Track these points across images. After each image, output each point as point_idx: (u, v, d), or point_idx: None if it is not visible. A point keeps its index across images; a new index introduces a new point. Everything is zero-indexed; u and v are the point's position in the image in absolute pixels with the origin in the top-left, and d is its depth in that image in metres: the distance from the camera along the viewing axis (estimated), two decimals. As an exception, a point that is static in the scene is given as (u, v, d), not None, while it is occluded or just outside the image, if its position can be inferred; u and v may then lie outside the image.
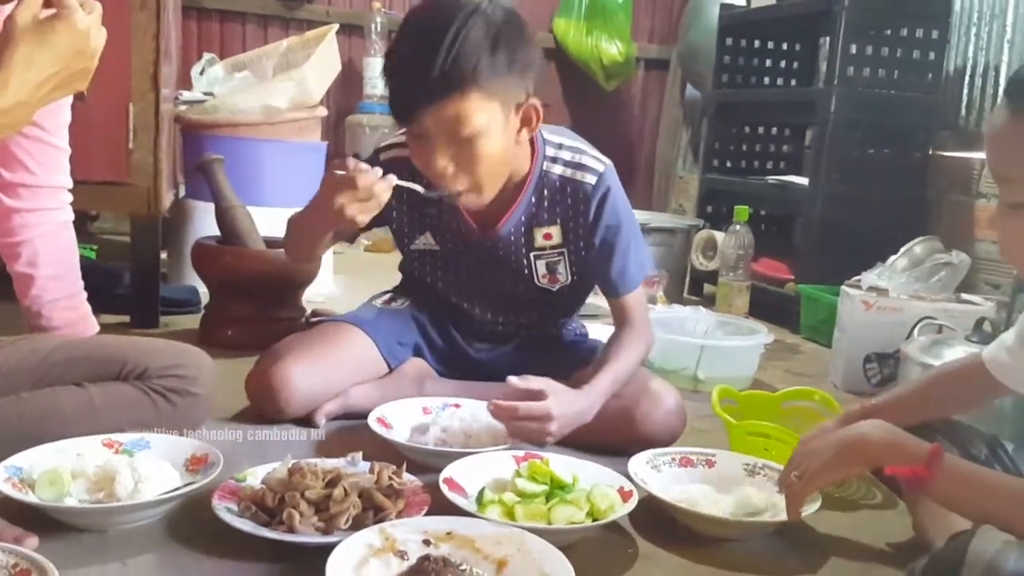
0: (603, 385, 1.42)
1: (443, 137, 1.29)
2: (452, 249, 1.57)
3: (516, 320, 1.64)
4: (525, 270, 1.54)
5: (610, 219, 1.48)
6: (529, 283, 1.56)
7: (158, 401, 1.30)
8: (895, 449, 0.98)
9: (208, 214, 2.15)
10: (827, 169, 2.60)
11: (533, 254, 1.52)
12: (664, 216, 3.29)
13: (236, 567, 1.02)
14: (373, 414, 1.43)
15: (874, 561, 1.17)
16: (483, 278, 1.59)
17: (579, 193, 1.47)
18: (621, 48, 4.19)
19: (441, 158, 1.30)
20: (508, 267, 1.55)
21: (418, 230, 1.56)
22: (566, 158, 1.48)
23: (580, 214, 1.48)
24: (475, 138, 1.29)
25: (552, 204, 1.49)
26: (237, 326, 2.00)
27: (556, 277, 1.55)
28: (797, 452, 1.13)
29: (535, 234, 1.51)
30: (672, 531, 1.19)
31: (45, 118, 1.33)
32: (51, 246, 1.40)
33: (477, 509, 1.13)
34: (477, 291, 1.61)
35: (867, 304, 2.04)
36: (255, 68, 2.81)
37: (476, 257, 1.56)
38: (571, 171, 1.47)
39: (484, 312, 1.63)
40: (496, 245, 1.52)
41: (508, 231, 1.50)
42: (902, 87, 2.67)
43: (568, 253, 1.52)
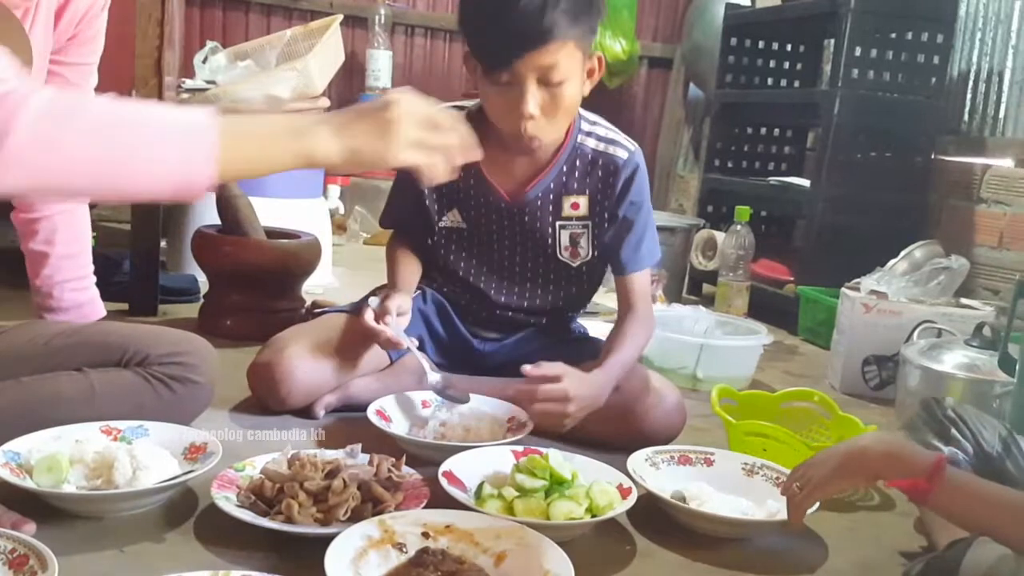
0: (614, 369, 1.45)
1: (534, 83, 1.34)
2: (478, 226, 1.59)
3: (532, 304, 1.64)
4: (549, 239, 1.57)
5: (635, 196, 1.54)
6: (551, 258, 1.59)
7: (158, 388, 1.29)
8: (897, 461, 0.98)
9: (209, 203, 2.14)
10: (829, 171, 2.60)
11: (559, 223, 1.56)
12: (664, 215, 3.28)
13: (234, 556, 1.02)
14: (373, 406, 1.42)
15: (872, 562, 1.17)
16: (506, 255, 1.60)
17: (610, 166, 1.52)
18: (625, 46, 4.19)
19: (532, 102, 1.35)
20: (533, 238, 1.57)
21: (446, 206, 1.59)
22: (600, 134, 1.54)
23: (609, 187, 1.53)
24: (563, 84, 1.35)
25: (583, 175, 1.54)
26: (236, 316, 1.99)
27: (577, 251, 1.57)
28: (801, 464, 1.13)
29: (563, 203, 1.54)
30: (670, 529, 1.19)
31: None
32: (68, 225, 1.41)
33: (476, 503, 1.13)
34: (498, 271, 1.62)
35: (867, 307, 2.04)
36: (258, 57, 2.80)
37: (501, 231, 1.58)
38: (604, 145, 1.53)
39: (500, 295, 1.64)
40: (523, 211, 1.55)
41: (536, 195, 1.54)
42: (905, 91, 2.67)
43: (592, 227, 1.56)
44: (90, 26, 1.33)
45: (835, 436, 1.50)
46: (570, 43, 1.33)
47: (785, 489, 1.12)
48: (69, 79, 1.33)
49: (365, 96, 4.02)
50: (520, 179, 1.54)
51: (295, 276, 2.08)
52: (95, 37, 1.35)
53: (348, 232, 3.63)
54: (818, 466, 1.07)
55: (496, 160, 1.49)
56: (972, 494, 0.92)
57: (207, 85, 2.67)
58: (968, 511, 0.92)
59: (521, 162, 1.53)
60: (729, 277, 2.61)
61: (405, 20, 4.09)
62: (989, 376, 1.65)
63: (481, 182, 1.55)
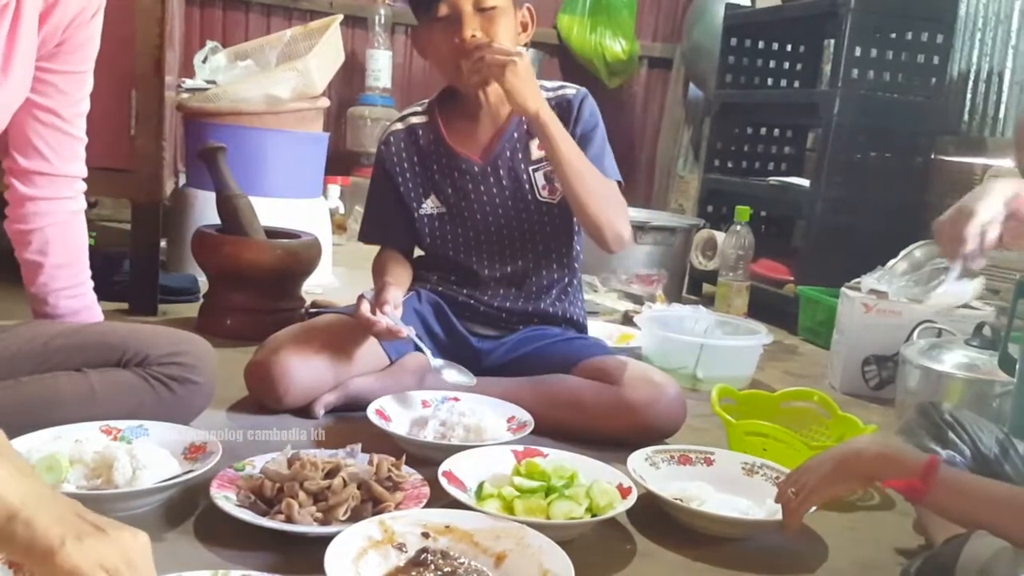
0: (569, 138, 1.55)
1: (470, 8, 1.49)
2: (457, 203, 1.65)
3: (525, 266, 1.66)
4: (526, 185, 1.64)
5: (589, 117, 1.64)
6: (532, 203, 1.64)
7: (158, 388, 1.29)
8: (891, 463, 0.99)
9: (209, 203, 2.15)
10: (829, 171, 2.60)
11: (532, 167, 1.64)
12: (664, 215, 3.29)
13: (234, 556, 1.02)
14: (372, 406, 1.42)
15: (871, 561, 1.17)
16: (490, 220, 1.65)
17: (563, 103, 1.64)
18: (625, 46, 4.19)
19: (469, 27, 1.49)
20: (511, 190, 1.64)
21: (423, 194, 1.67)
22: (548, 85, 1.67)
23: (566, 118, 1.61)
24: (496, 11, 1.50)
25: None
26: (236, 316, 1.99)
27: (555, 187, 1.63)
28: (796, 469, 1.13)
29: (530, 147, 1.64)
30: (670, 528, 1.19)
31: (64, 107, 1.33)
32: (62, 235, 1.39)
33: (476, 503, 1.13)
34: (486, 240, 1.66)
35: (867, 307, 2.04)
36: (258, 57, 2.80)
37: (479, 196, 1.64)
38: (554, 91, 1.66)
39: (493, 268, 1.66)
40: (497, 167, 1.63)
41: (504, 148, 1.63)
42: (905, 91, 2.67)
43: None
44: (79, 33, 1.29)
45: (835, 436, 1.49)
46: None
47: (780, 495, 1.12)
48: (60, 87, 1.31)
49: (365, 97, 4.02)
50: (485, 141, 1.65)
51: (295, 276, 2.08)
52: (85, 44, 1.32)
53: (348, 232, 3.63)
54: (813, 471, 1.07)
55: (461, 132, 1.65)
56: (967, 491, 0.92)
57: (207, 85, 2.67)
58: (964, 508, 0.92)
59: (484, 125, 1.64)
60: (729, 277, 2.61)
61: (405, 20, 4.09)
62: (989, 376, 1.65)
63: (451, 156, 1.65)
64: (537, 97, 1.50)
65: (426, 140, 1.66)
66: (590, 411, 1.49)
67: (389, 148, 1.68)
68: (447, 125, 1.66)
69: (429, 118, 1.68)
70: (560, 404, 1.50)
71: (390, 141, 1.68)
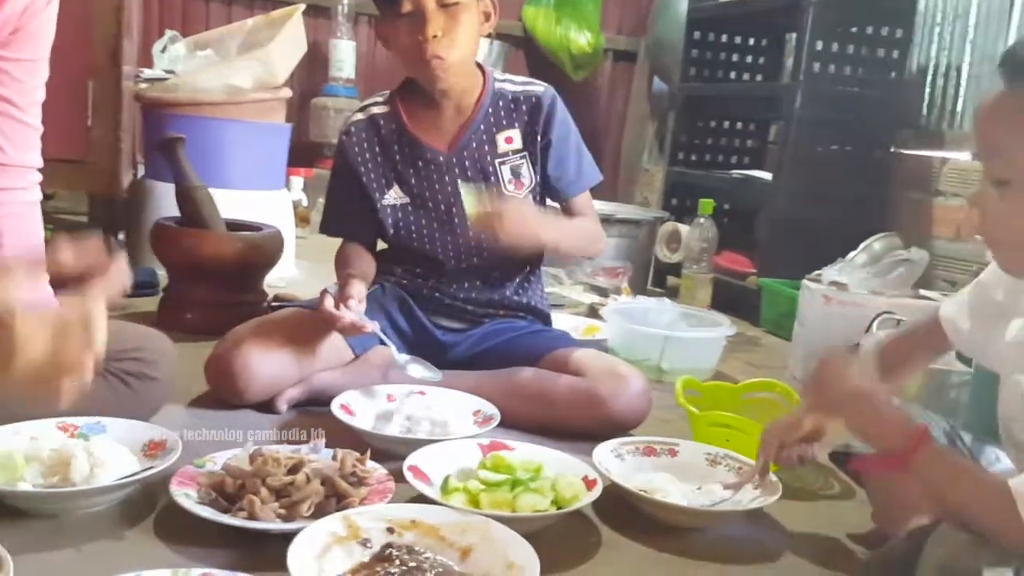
0: (560, 221, 1.64)
1: (433, 5, 1.48)
2: (421, 194, 1.64)
3: (491, 259, 1.65)
4: (492, 177, 1.63)
5: (562, 121, 1.65)
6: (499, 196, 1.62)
7: (115, 384, 1.27)
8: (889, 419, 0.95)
9: (168, 195, 2.11)
10: (790, 164, 2.63)
11: (498, 160, 1.64)
12: (629, 208, 3.30)
13: (195, 554, 1.00)
14: (337, 401, 1.41)
15: (832, 550, 1.19)
16: (454, 212, 1.63)
17: (532, 99, 1.64)
18: (590, 38, 4.19)
19: (433, 25, 1.48)
20: (476, 182, 1.62)
21: (386, 185, 1.65)
22: (515, 79, 1.68)
23: (536, 118, 1.64)
24: (459, 8, 1.50)
25: (508, 112, 1.64)
26: (197, 310, 1.97)
27: (521, 181, 1.64)
28: (818, 370, 1.06)
29: (497, 139, 1.64)
30: (636, 519, 1.20)
31: (18, 95, 1.29)
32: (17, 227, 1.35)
33: (442, 497, 1.13)
34: (451, 232, 1.64)
35: (827, 298, 2.06)
36: (218, 47, 2.76)
37: (444, 187, 1.63)
38: (521, 87, 1.67)
39: (459, 260, 1.65)
40: (463, 158, 1.62)
41: (470, 139, 1.62)
42: (865, 85, 2.71)
43: (529, 155, 1.65)
44: (33, 20, 1.27)
45: (797, 426, 1.51)
46: None
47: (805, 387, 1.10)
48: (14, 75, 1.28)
49: (329, 88, 3.98)
50: (451, 131, 1.63)
51: (257, 269, 2.05)
52: (40, 31, 1.29)
53: (311, 224, 3.60)
54: (832, 387, 1.02)
55: (425, 121, 1.63)
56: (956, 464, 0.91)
57: (166, 75, 2.62)
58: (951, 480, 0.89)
59: (449, 116, 1.63)
60: (693, 269, 2.63)
61: (368, 10, 4.05)
62: (946, 366, 1.68)
63: (415, 145, 1.63)
64: (538, 228, 1.51)
65: (388, 130, 1.64)
66: (556, 404, 1.49)
67: (350, 138, 1.65)
68: (410, 114, 1.64)
69: (391, 108, 1.66)
70: (526, 397, 1.50)
71: (351, 131, 1.66)
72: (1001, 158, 0.87)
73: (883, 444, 0.95)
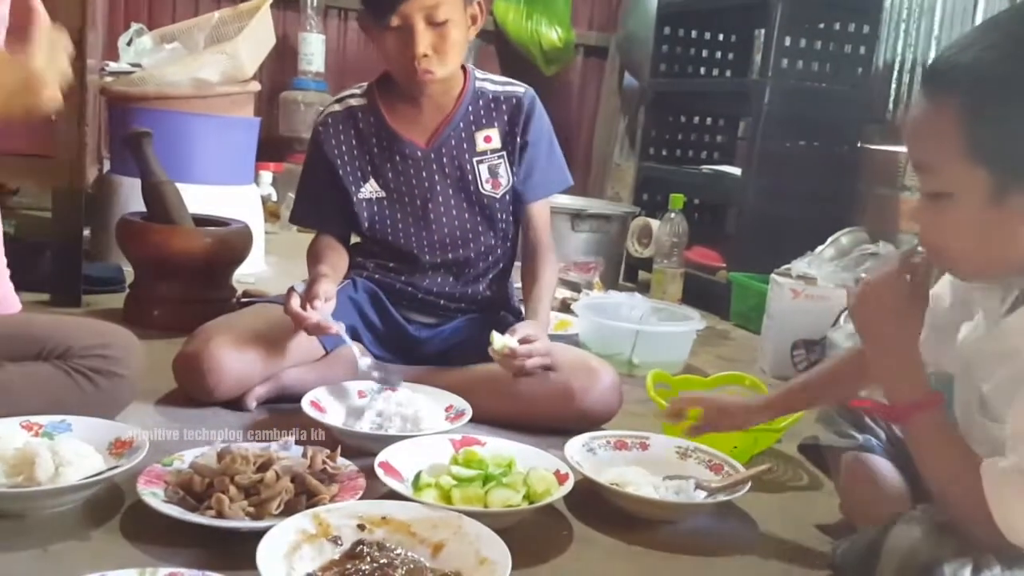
0: (545, 316, 1.61)
1: (422, 24, 1.47)
2: (397, 188, 1.63)
3: (466, 254, 1.65)
4: (469, 176, 1.63)
5: (540, 123, 1.66)
6: (475, 194, 1.63)
7: (81, 382, 1.25)
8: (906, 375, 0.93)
9: (134, 190, 2.09)
10: (759, 160, 2.65)
11: (476, 159, 1.63)
12: (600, 203, 3.31)
13: (162, 553, 0.99)
14: (307, 397, 1.40)
15: (801, 540, 1.20)
16: (430, 207, 1.63)
17: (512, 100, 1.65)
18: (561, 33, 4.19)
19: (422, 42, 1.48)
20: (454, 180, 1.63)
21: (362, 178, 1.63)
22: (495, 79, 1.69)
23: (515, 118, 1.64)
24: (448, 24, 1.49)
25: (488, 111, 1.65)
26: (163, 307, 1.94)
27: (499, 181, 1.64)
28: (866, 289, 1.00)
29: (476, 138, 1.63)
30: (607, 513, 1.21)
31: None
32: None
33: (413, 493, 1.13)
34: (426, 227, 1.63)
35: (795, 292, 2.08)
36: (185, 40, 2.73)
37: (421, 183, 1.62)
38: (501, 86, 1.67)
39: (433, 254, 1.64)
40: (440, 155, 1.62)
41: (449, 136, 1.62)
42: (833, 80, 2.73)
43: (507, 155, 1.65)
44: None
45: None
46: None
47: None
48: None
49: (298, 81, 3.95)
50: (429, 127, 1.63)
51: (225, 265, 2.03)
52: None
53: (281, 220, 3.57)
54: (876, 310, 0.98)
55: (404, 116, 1.62)
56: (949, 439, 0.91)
57: (132, 68, 2.59)
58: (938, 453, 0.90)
59: (428, 113, 1.62)
60: (664, 264, 2.65)
61: (338, 3, 4.03)
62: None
63: (393, 139, 1.62)
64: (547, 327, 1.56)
65: (366, 123, 1.63)
66: (528, 398, 1.49)
67: (327, 130, 1.63)
68: (388, 108, 1.62)
69: (369, 100, 1.64)
70: (498, 392, 1.50)
71: (328, 123, 1.64)
72: (932, 172, 0.88)
73: (891, 391, 0.94)
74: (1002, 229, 0.85)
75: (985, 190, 0.83)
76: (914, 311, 0.95)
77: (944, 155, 0.85)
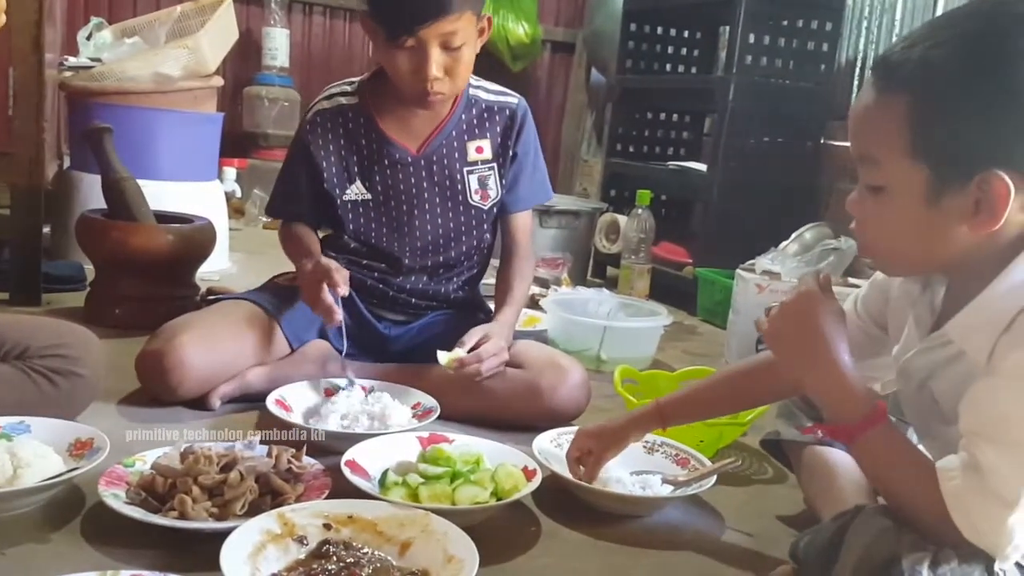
0: (508, 318, 1.59)
1: (437, 48, 1.44)
2: (384, 191, 1.61)
3: (447, 258, 1.65)
4: (459, 185, 1.62)
5: (530, 135, 1.67)
6: (463, 204, 1.63)
7: (40, 382, 1.23)
8: (844, 386, 0.90)
9: (95, 186, 2.05)
10: (724, 156, 2.67)
11: (467, 168, 1.63)
12: (569, 199, 3.31)
13: (124, 555, 0.98)
14: (272, 395, 1.39)
15: (766, 533, 1.21)
16: (415, 213, 1.61)
17: (506, 111, 1.65)
18: (528, 29, 4.19)
19: (435, 65, 1.45)
20: (443, 187, 1.62)
21: (348, 180, 1.61)
22: (488, 87, 1.67)
23: (508, 129, 1.64)
24: (462, 48, 1.46)
25: (481, 121, 1.64)
26: (125, 304, 1.92)
27: (487, 193, 1.64)
28: (785, 310, 0.98)
29: (467, 148, 1.62)
30: (575, 508, 1.21)
31: None
32: None
33: (380, 492, 1.12)
34: (410, 232, 1.62)
35: (760, 287, 2.10)
36: (146, 34, 2.68)
37: (409, 189, 1.61)
38: (495, 96, 1.66)
39: (414, 256, 1.63)
40: (431, 162, 1.60)
41: (441, 144, 1.60)
42: (796, 77, 2.76)
43: (498, 167, 1.64)
44: None
45: (732, 413, 1.55)
46: (468, 12, 1.44)
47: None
48: None
49: (262, 76, 3.91)
50: (422, 133, 1.60)
51: (188, 262, 2.01)
52: None
53: (247, 216, 3.53)
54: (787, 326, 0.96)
55: (397, 119, 1.59)
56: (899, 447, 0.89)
57: (92, 63, 2.54)
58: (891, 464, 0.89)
59: (421, 118, 1.60)
60: (631, 260, 2.66)
61: (303, -1, 4.00)
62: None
63: (384, 143, 1.59)
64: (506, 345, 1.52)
65: (356, 123, 1.59)
66: (497, 396, 1.49)
67: (315, 128, 1.59)
68: (380, 110, 1.59)
69: (360, 100, 1.60)
70: (466, 390, 1.49)
71: (316, 121, 1.60)
72: (873, 164, 0.87)
73: (835, 413, 0.91)
74: (934, 229, 0.84)
75: (923, 188, 0.83)
76: (837, 324, 0.94)
77: (886, 149, 0.85)
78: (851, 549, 0.84)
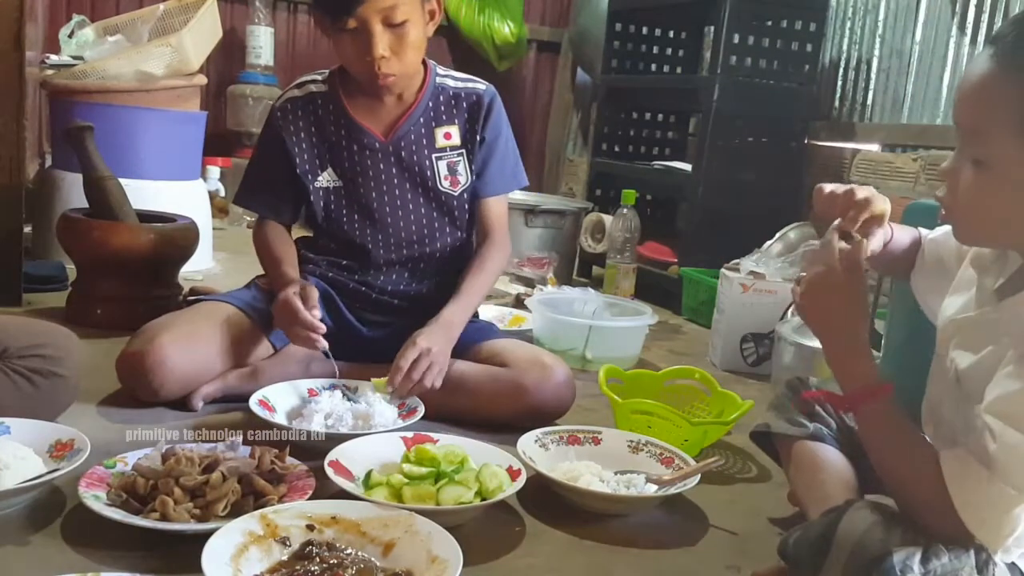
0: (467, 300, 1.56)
1: (379, 26, 1.45)
2: (354, 179, 1.61)
3: (421, 251, 1.64)
4: (428, 172, 1.62)
5: (499, 120, 1.66)
6: (432, 191, 1.62)
7: (19, 383, 1.22)
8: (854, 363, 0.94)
9: (76, 185, 2.04)
10: (709, 156, 2.68)
11: (435, 155, 1.63)
12: (554, 199, 3.31)
13: (105, 558, 0.97)
14: (255, 396, 1.38)
15: (750, 532, 1.22)
16: (385, 200, 1.61)
17: (473, 97, 1.65)
18: (513, 29, 4.19)
19: (380, 44, 1.46)
20: (412, 174, 1.61)
21: (319, 167, 1.61)
22: (456, 75, 1.68)
23: (475, 115, 1.64)
24: (405, 25, 1.47)
25: (448, 107, 1.64)
26: (106, 304, 1.90)
27: (457, 179, 1.64)
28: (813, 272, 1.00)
29: (435, 134, 1.63)
30: (559, 508, 1.21)
31: None
32: None
33: (364, 492, 1.12)
34: (381, 220, 1.62)
35: (744, 287, 2.11)
36: (129, 32, 2.66)
37: (379, 175, 1.61)
38: (462, 83, 1.67)
39: (388, 250, 1.63)
40: (399, 148, 1.60)
41: (409, 130, 1.61)
42: (781, 77, 2.77)
43: (467, 153, 1.64)
44: None
45: (714, 412, 1.55)
46: None
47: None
48: None
49: (246, 75, 3.89)
50: (390, 120, 1.61)
51: (170, 262, 1.99)
52: None
53: (230, 215, 3.51)
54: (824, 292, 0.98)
55: (364, 106, 1.60)
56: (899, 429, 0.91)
57: (74, 61, 2.52)
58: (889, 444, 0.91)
59: (388, 106, 1.60)
60: (617, 259, 2.66)
61: (288, -4, 3.98)
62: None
63: (353, 128, 1.60)
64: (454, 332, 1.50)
65: (325, 110, 1.60)
66: (481, 395, 1.49)
67: (286, 115, 1.60)
68: (349, 96, 1.60)
69: (330, 87, 1.61)
70: (451, 389, 1.49)
71: (287, 108, 1.60)
72: (981, 138, 0.86)
73: (843, 375, 0.95)
74: None
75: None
76: (857, 288, 0.96)
77: (997, 126, 0.84)
78: (842, 545, 0.84)
